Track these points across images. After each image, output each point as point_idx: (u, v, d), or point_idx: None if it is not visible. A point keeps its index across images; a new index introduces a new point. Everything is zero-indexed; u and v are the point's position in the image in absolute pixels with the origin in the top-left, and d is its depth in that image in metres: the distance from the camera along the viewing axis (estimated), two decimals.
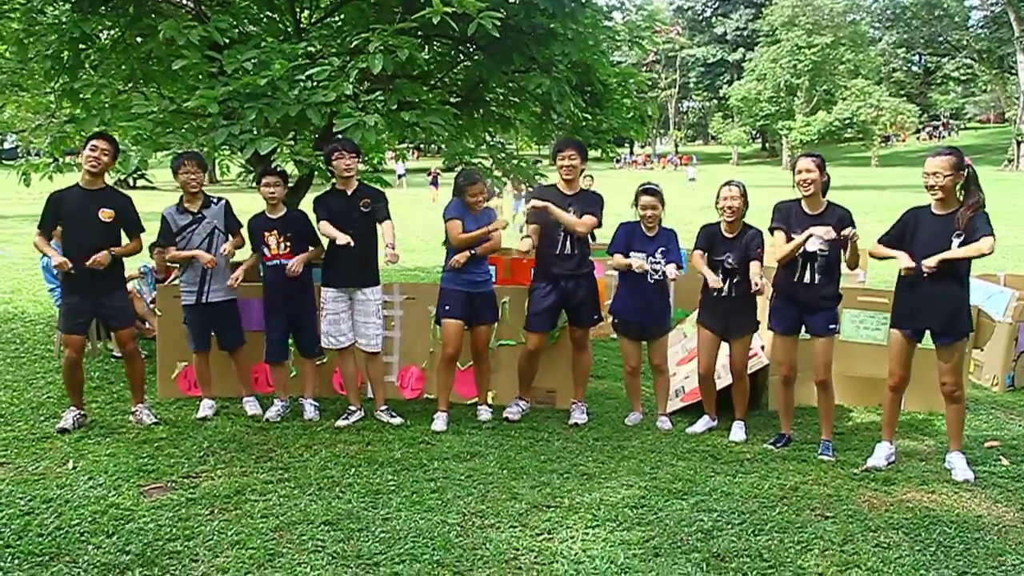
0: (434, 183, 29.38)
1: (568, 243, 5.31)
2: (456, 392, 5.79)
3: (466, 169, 5.87)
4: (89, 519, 3.78)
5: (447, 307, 5.34)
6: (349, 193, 5.29)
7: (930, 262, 4.27)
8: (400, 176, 34.67)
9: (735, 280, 5.06)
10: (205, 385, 5.56)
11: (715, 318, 5.18)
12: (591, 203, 5.39)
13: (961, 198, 4.40)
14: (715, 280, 5.00)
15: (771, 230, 4.89)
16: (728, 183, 5.13)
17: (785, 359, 4.98)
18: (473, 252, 5.28)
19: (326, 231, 5.20)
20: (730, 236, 5.10)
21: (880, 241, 4.66)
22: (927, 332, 4.58)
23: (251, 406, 5.54)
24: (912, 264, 4.35)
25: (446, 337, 5.38)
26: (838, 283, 4.88)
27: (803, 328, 4.92)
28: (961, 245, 4.32)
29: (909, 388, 5.53)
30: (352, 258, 5.21)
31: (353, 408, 5.43)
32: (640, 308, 5.32)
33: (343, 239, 5.07)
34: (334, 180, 5.36)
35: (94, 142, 4.99)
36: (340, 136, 5.57)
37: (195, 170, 5.32)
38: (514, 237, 8.29)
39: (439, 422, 5.32)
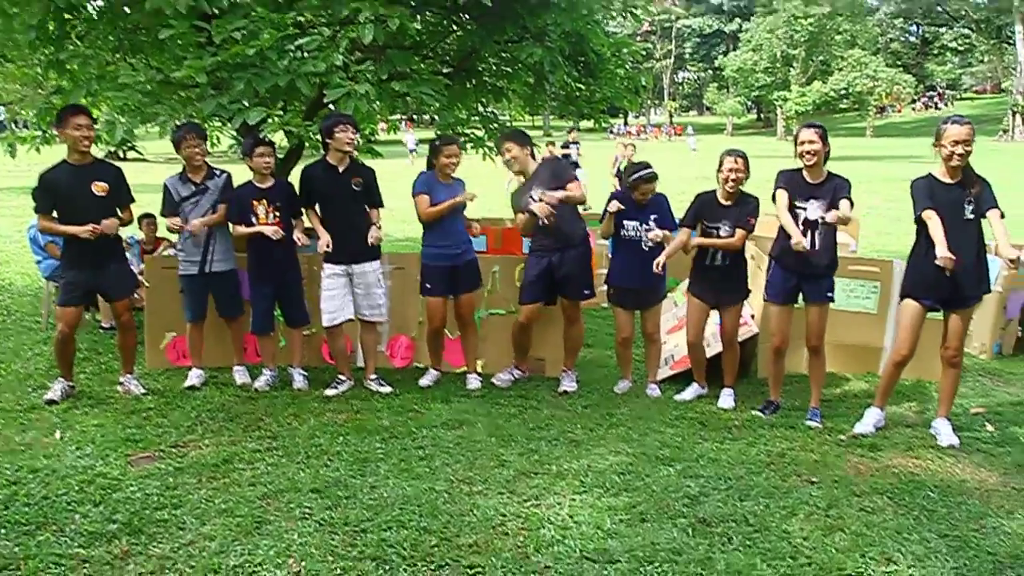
0: None
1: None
2: (445, 361, 5.81)
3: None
4: (76, 489, 3.79)
5: (428, 285, 5.40)
6: (341, 170, 5.25)
7: (1010, 253, 4.16)
8: (412, 150, 33.60)
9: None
10: (196, 355, 5.55)
11: (707, 288, 5.18)
12: (553, 173, 5.33)
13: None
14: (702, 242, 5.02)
15: (775, 194, 4.82)
16: (731, 153, 5.07)
17: (779, 330, 4.96)
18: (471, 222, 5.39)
19: (313, 223, 5.28)
20: (727, 204, 5.07)
21: (923, 210, 4.39)
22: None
23: (240, 375, 5.55)
24: (952, 257, 4.19)
25: (430, 312, 5.45)
26: (835, 251, 4.88)
27: (799, 297, 4.92)
28: (973, 213, 4.35)
29: None
30: (348, 235, 5.21)
31: (343, 377, 5.44)
32: (637, 275, 5.30)
33: (323, 245, 5.13)
34: (326, 154, 5.32)
35: (76, 120, 4.87)
36: (332, 107, 5.53)
37: (198, 143, 5.32)
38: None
39: (427, 378, 5.47)
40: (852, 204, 4.70)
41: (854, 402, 5.27)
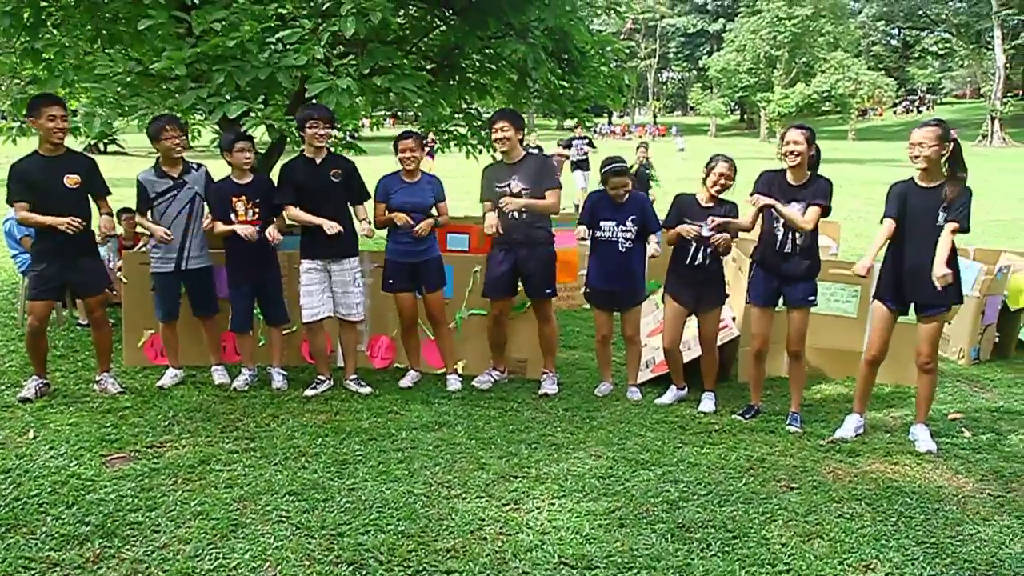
0: (430, 153, 28.04)
1: (518, 211, 5.23)
2: (426, 362, 5.78)
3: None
4: (49, 489, 3.73)
5: (390, 280, 5.39)
6: (318, 162, 5.21)
7: (938, 271, 4.19)
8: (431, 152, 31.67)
9: (708, 250, 5.04)
10: (173, 354, 5.49)
11: (686, 290, 5.16)
12: (539, 172, 5.26)
13: (946, 172, 4.40)
14: (691, 229, 4.96)
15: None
16: (724, 159, 5.02)
17: (760, 332, 4.97)
18: (437, 222, 5.33)
19: (296, 217, 5.18)
20: (708, 206, 5.06)
21: (889, 215, 4.50)
22: (911, 306, 4.58)
23: (219, 375, 5.48)
24: (867, 265, 4.40)
25: (400, 308, 5.45)
26: (817, 255, 4.88)
27: (780, 300, 4.92)
28: (947, 220, 4.32)
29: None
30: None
31: (322, 377, 5.39)
32: (612, 277, 5.29)
33: (330, 228, 5.05)
34: (303, 147, 5.27)
35: (51, 111, 4.77)
36: (313, 102, 5.47)
37: (178, 134, 5.21)
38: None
39: (407, 380, 5.44)
40: (829, 210, 4.70)
41: (833, 407, 5.29)
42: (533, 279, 5.35)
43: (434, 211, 5.38)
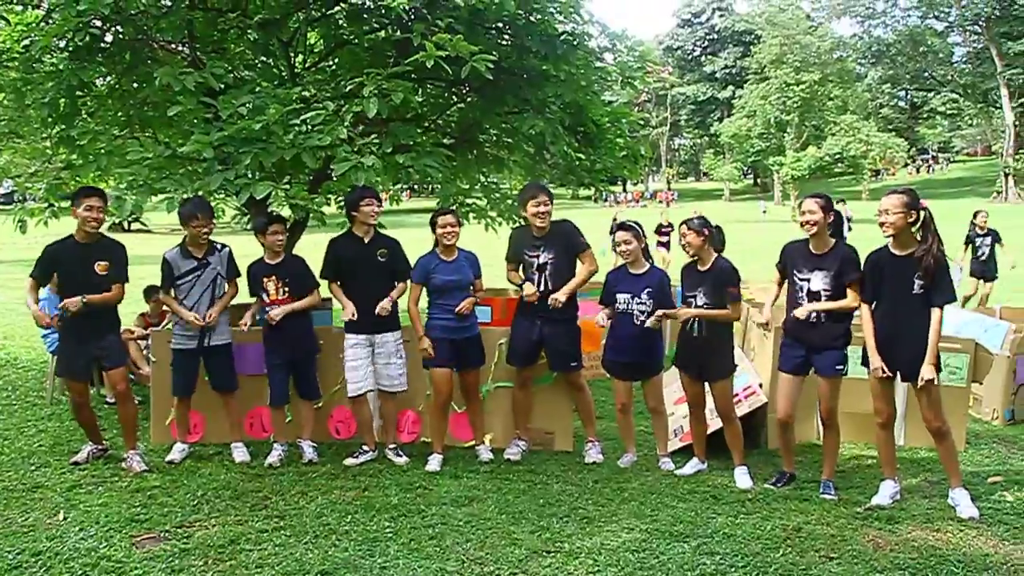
0: None
1: (543, 281, 5.31)
2: (453, 436, 5.74)
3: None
4: (79, 572, 3.70)
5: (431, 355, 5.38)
6: (366, 241, 5.34)
7: (925, 372, 4.35)
8: None
9: (701, 321, 4.98)
10: (183, 430, 5.56)
11: (689, 359, 5.12)
12: (567, 239, 5.36)
13: (919, 239, 4.43)
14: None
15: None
16: (684, 221, 5.09)
17: (784, 403, 4.87)
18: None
19: (335, 294, 5.35)
20: (701, 270, 5.04)
21: (867, 299, 4.62)
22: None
23: (239, 453, 5.47)
24: (886, 373, 4.49)
25: (435, 384, 5.41)
26: (847, 323, 4.82)
27: (811, 369, 4.86)
28: (922, 288, 4.36)
29: (910, 423, 5.52)
30: (372, 305, 5.24)
31: (366, 448, 5.43)
32: (627, 349, 5.25)
33: (348, 314, 5.20)
34: (351, 226, 5.41)
35: (89, 201, 5.01)
36: (334, 178, 5.60)
37: (206, 223, 5.38)
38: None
39: (433, 463, 5.31)
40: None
41: (867, 472, 5.20)
42: (557, 352, 5.38)
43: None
